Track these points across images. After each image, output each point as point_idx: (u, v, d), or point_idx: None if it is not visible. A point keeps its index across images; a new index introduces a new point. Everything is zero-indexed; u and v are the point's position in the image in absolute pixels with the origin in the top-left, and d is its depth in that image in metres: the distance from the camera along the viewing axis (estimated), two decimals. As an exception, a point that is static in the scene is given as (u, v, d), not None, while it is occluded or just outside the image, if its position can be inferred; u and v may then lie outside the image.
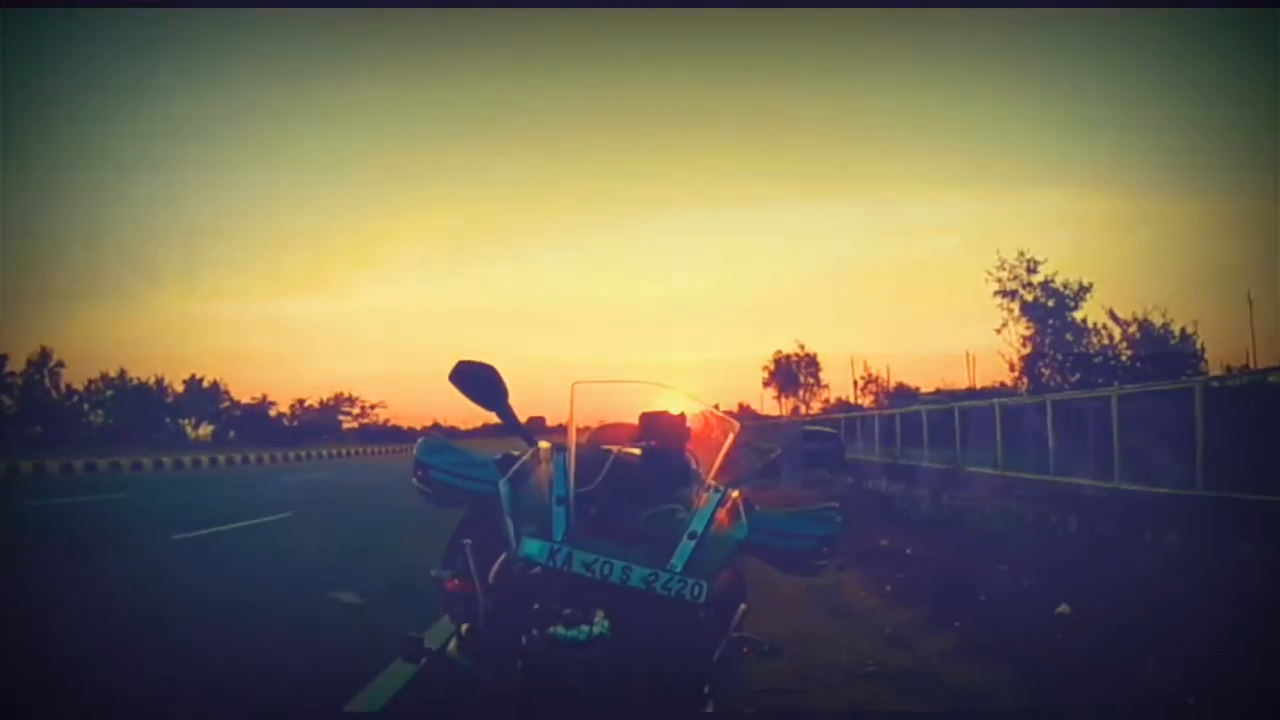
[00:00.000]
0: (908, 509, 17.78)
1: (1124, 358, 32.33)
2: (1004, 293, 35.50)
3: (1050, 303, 34.17)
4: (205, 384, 76.30)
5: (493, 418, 4.19)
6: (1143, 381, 18.97)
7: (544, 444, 4.17)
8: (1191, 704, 5.80)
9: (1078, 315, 34.03)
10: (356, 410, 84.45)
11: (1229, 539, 10.17)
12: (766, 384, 72.34)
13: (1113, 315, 32.96)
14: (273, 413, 77.92)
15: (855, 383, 61.85)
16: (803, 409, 68.11)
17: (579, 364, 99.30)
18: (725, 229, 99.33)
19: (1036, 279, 34.52)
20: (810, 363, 69.98)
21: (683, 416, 4.39)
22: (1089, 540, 12.29)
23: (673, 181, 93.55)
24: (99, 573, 11.62)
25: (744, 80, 79.19)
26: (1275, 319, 42.46)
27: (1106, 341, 33.20)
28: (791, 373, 70.62)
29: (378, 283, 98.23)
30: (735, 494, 3.95)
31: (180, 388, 75.30)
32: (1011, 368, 35.48)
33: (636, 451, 4.28)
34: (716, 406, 4.83)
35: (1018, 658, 7.23)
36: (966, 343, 64.82)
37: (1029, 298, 34.58)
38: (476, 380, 4.14)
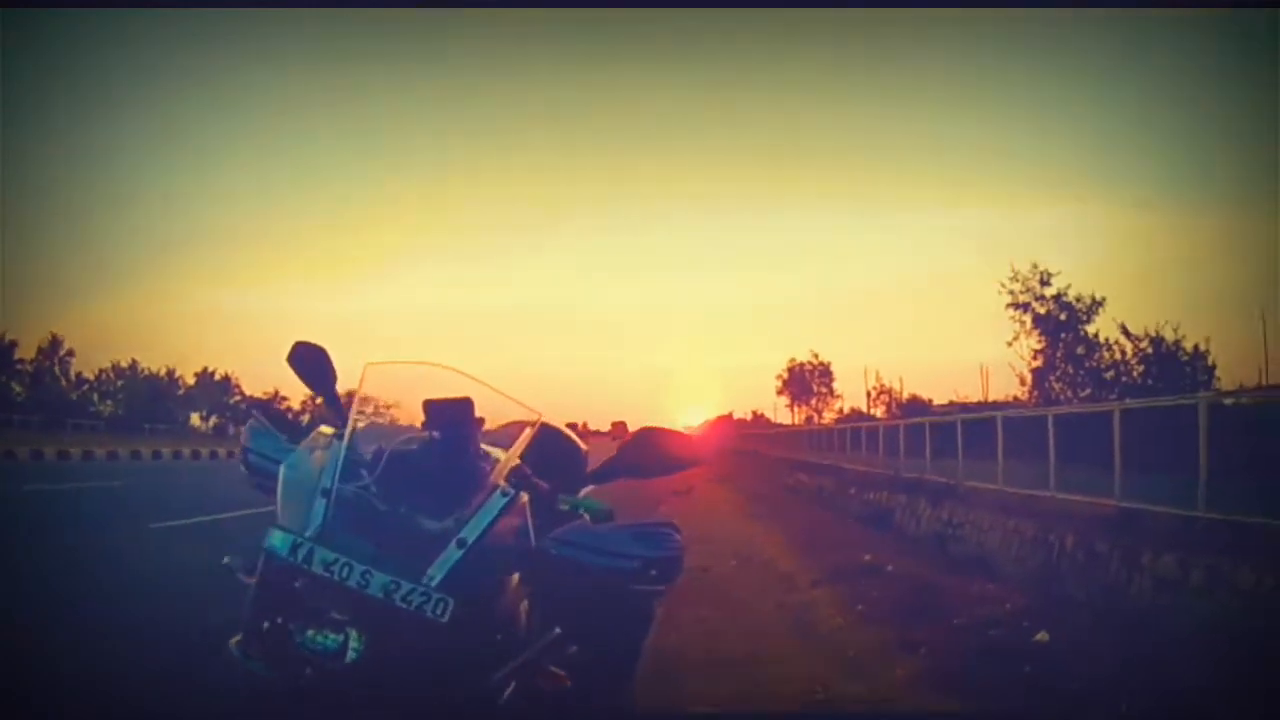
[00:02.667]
0: (903, 522, 17.17)
1: (1135, 373, 31.80)
2: (1016, 305, 35.04)
3: (1063, 316, 33.98)
4: (217, 377, 76.29)
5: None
6: (1151, 397, 18.34)
7: (326, 429, 3.79)
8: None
9: (1090, 329, 33.85)
10: (371, 409, 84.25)
11: (1229, 564, 9.57)
12: (780, 392, 72.13)
13: (1125, 330, 32.14)
14: (284, 407, 77.75)
15: (868, 393, 61.35)
16: (815, 418, 67.84)
17: (595, 365, 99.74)
18: (743, 235, 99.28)
19: (1049, 291, 34.44)
20: (824, 372, 69.64)
21: (469, 404, 3.80)
22: (1083, 560, 11.66)
23: (692, 184, 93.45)
24: (48, 556, 11.24)
25: (764, 86, 78.75)
26: None
27: (1118, 356, 32.74)
28: (805, 381, 70.27)
29: (396, 281, 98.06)
30: (525, 498, 3.50)
31: (192, 380, 75.35)
32: (1022, 381, 35.28)
33: (424, 439, 3.84)
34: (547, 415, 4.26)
35: (978, 691, 6.60)
36: (980, 355, 64.35)
37: (1041, 310, 34.42)
38: (307, 362, 3.91)
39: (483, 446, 3.87)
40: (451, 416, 3.80)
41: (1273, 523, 10.40)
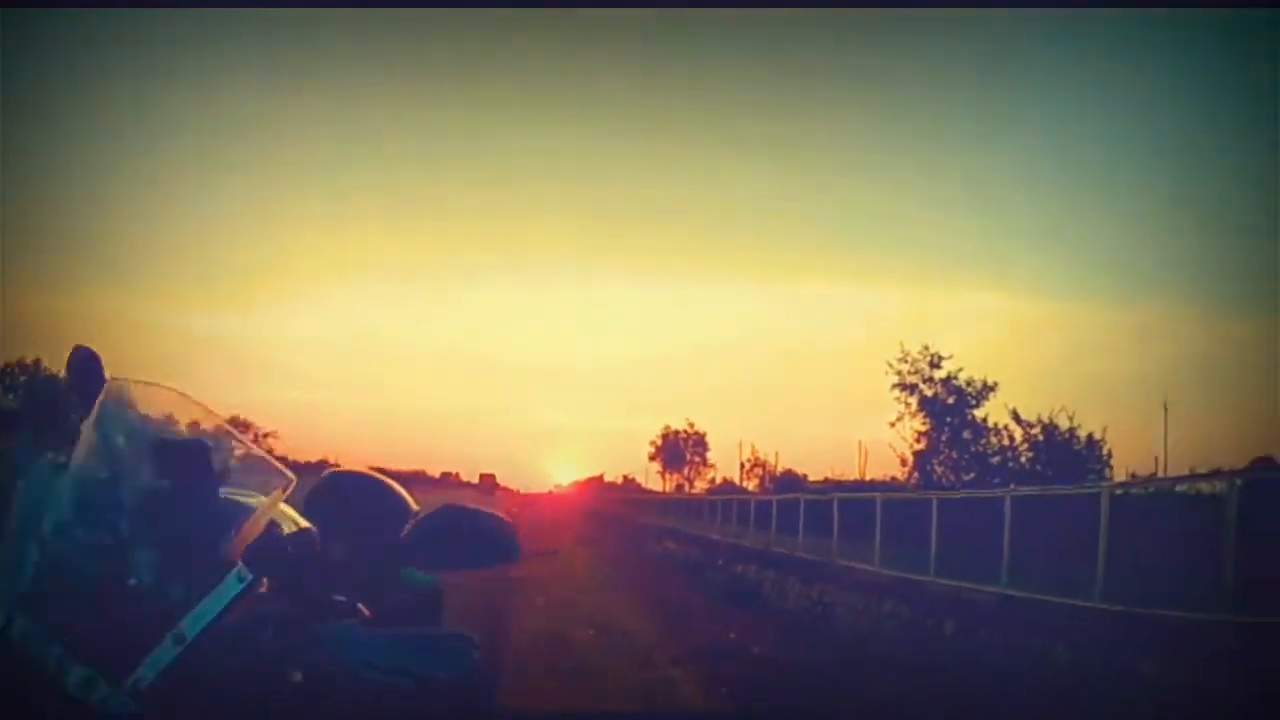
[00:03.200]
0: (771, 599, 16.14)
1: (1024, 459, 31.58)
2: (903, 386, 34.84)
3: (950, 399, 33.83)
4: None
5: (381, 462, 2.95)
6: (1041, 484, 17.76)
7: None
8: None
9: (979, 414, 33.74)
10: (250, 436, 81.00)
11: (1129, 656, 8.81)
12: (653, 458, 71.40)
13: (1016, 416, 32.06)
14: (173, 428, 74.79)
15: (742, 465, 60.81)
16: (687, 486, 67.25)
17: (471, 414, 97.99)
18: (629, 300, 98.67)
19: (939, 374, 34.31)
20: (699, 441, 69.12)
21: (203, 449, 3.05)
22: (965, 649, 10.73)
23: (584, 246, 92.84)
24: None
25: (658, 154, 78.89)
26: (1192, 426, 42.72)
27: (1006, 442, 32.57)
28: (679, 449, 69.69)
29: (295, 311, 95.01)
30: (265, 584, 2.68)
31: None
32: (903, 462, 35.05)
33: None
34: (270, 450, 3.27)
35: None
36: (859, 433, 64.35)
37: (929, 392, 34.21)
38: (81, 372, 3.19)
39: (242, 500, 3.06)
40: (183, 463, 3.00)
41: (1173, 615, 9.77)
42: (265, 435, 78.34)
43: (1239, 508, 10.21)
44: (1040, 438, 31.15)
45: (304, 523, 3.09)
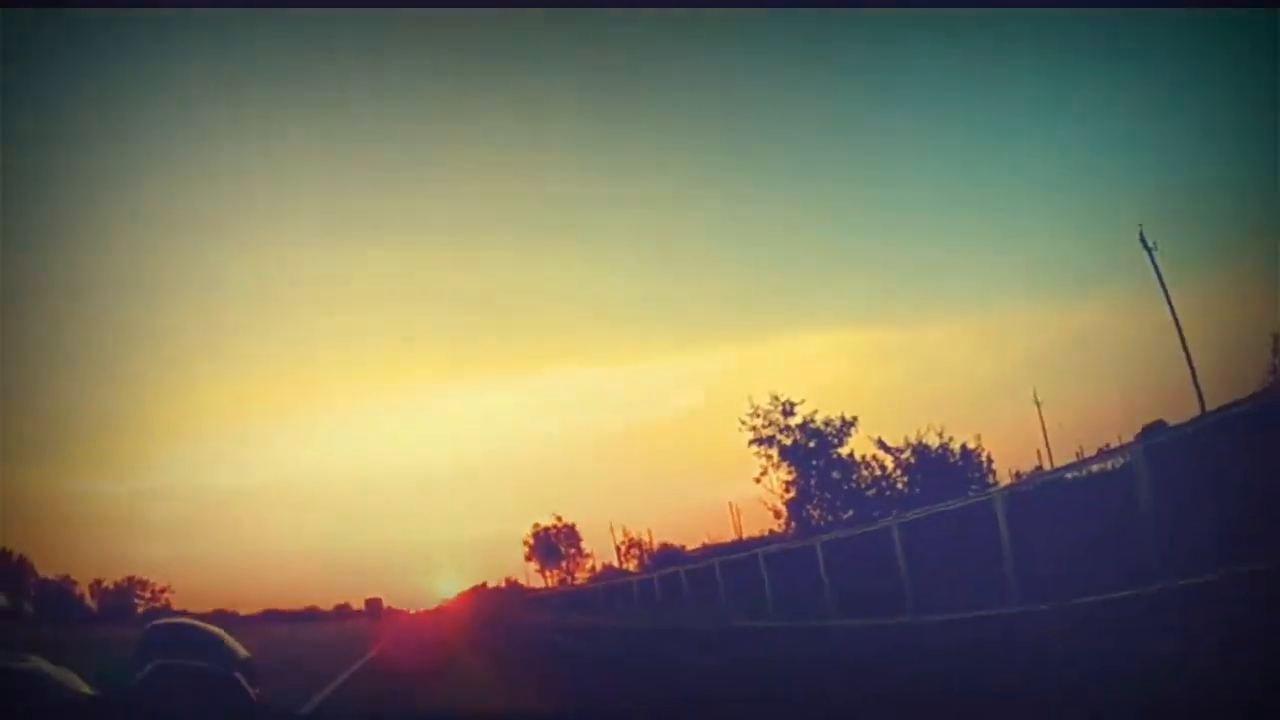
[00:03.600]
0: (672, 675, 15.08)
1: (899, 485, 31.08)
2: (760, 440, 33.72)
3: (811, 443, 33.11)
4: (14, 557, 67.98)
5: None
6: (923, 506, 17.35)
7: None
8: None
9: (844, 450, 33.01)
10: (148, 594, 77.34)
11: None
12: (529, 558, 69.76)
13: (882, 444, 31.50)
14: (76, 592, 70.73)
15: (618, 548, 59.59)
16: (569, 579, 65.76)
17: (351, 542, 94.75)
18: (471, 404, 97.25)
19: (794, 421, 33.51)
20: (569, 533, 67.74)
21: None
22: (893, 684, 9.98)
23: (416, 357, 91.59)
24: None
25: (482, 256, 78.57)
26: (1068, 412, 43.43)
27: (879, 472, 31.96)
28: (552, 544, 68.22)
29: (153, 460, 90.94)
30: None
31: None
32: (777, 514, 33.94)
33: None
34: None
35: None
36: (728, 494, 63.63)
37: (787, 441, 33.39)
38: None
39: None
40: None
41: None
42: (161, 591, 74.92)
43: (1149, 473, 9.82)
44: (913, 460, 30.83)
45: None
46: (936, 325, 60.87)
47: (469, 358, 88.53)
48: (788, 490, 33.26)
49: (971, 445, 30.40)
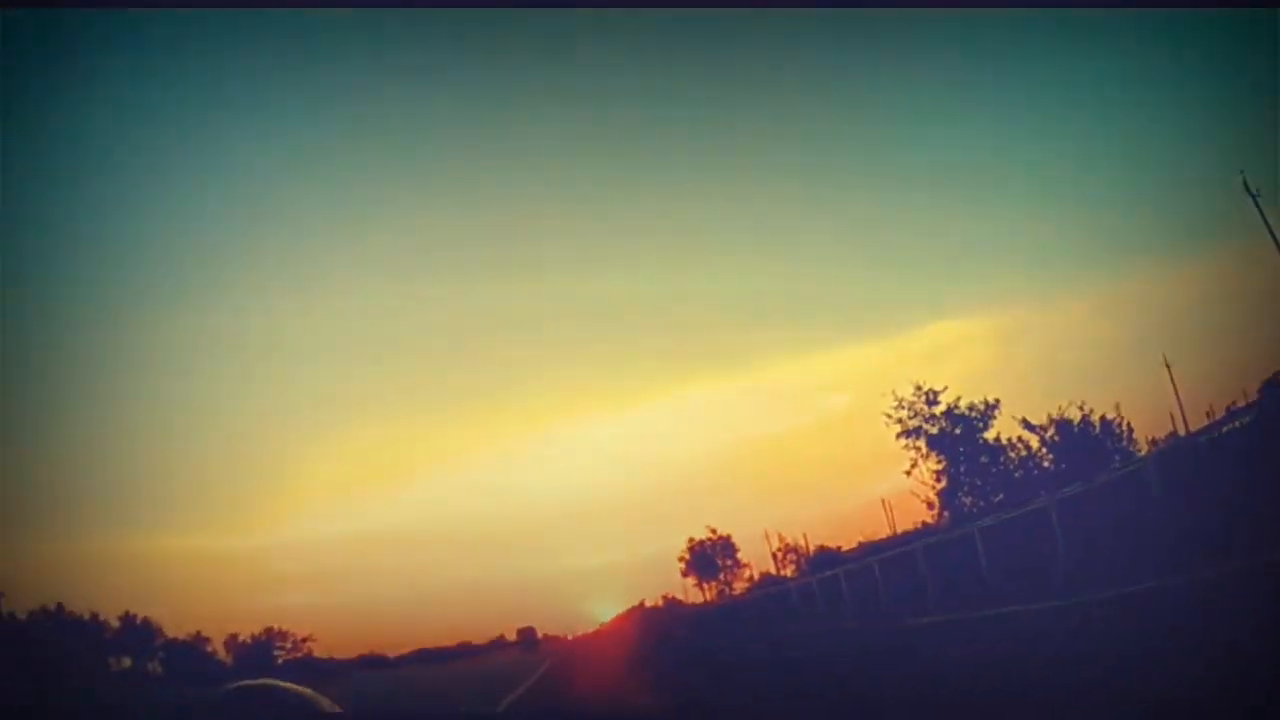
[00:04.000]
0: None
1: (1045, 463, 30.83)
2: (908, 432, 33.53)
3: (957, 430, 32.92)
4: (139, 620, 71.10)
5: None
6: (1072, 482, 17.08)
7: None
8: None
9: (989, 435, 32.67)
10: (289, 644, 79.38)
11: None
12: (685, 574, 70.08)
13: (1026, 424, 31.29)
14: (209, 649, 73.05)
15: (774, 556, 59.40)
16: (726, 590, 65.81)
17: (503, 582, 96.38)
18: (618, 429, 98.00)
19: (939, 410, 33.25)
20: (725, 545, 67.84)
21: None
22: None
23: (559, 389, 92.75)
24: None
25: (612, 273, 79.42)
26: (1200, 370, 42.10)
27: (1024, 453, 31.77)
28: (708, 557, 68.45)
29: (297, 515, 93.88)
30: None
31: (115, 624, 69.77)
32: (929, 505, 33.81)
33: None
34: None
35: None
36: (880, 491, 62.74)
37: (934, 430, 33.21)
38: None
39: None
40: None
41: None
42: (303, 640, 76.86)
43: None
44: (1056, 438, 30.52)
45: None
46: (1060, 303, 59.78)
47: (607, 385, 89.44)
48: (938, 480, 33.16)
49: (1109, 416, 30.01)
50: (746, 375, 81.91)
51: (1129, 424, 29.90)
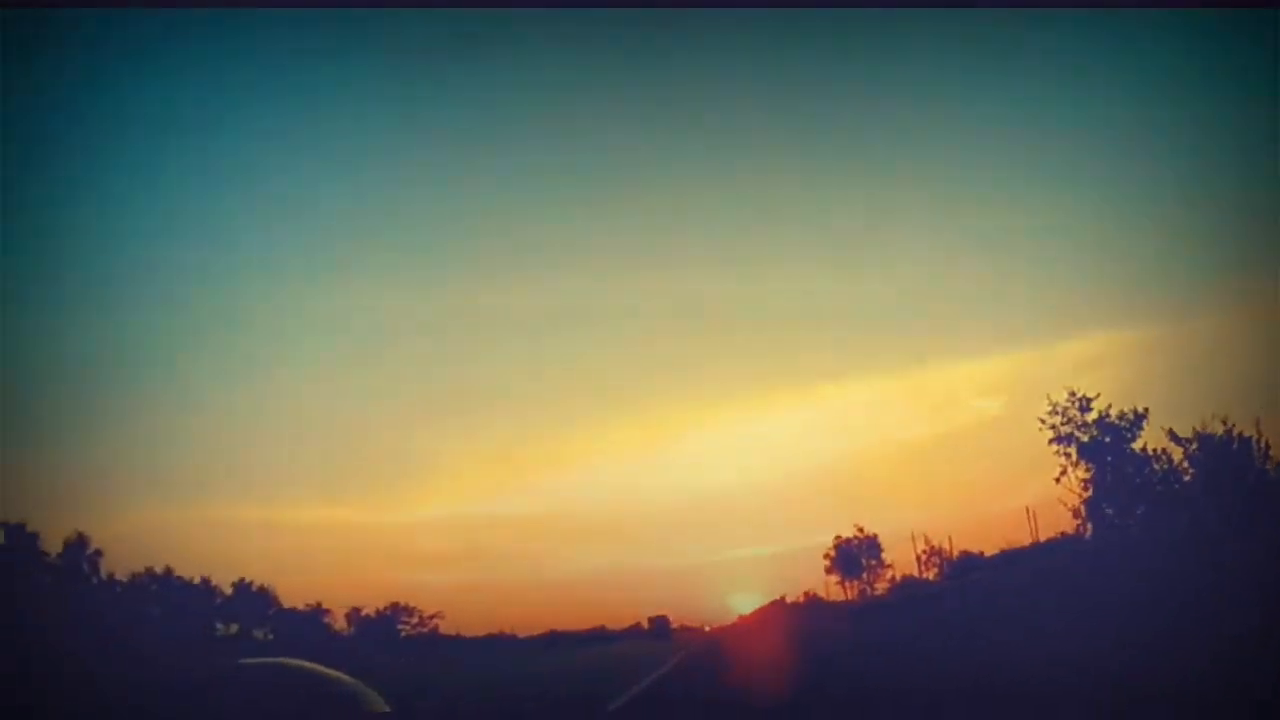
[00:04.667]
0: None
1: (1186, 478, 30.31)
2: (1060, 438, 33.80)
3: (1107, 438, 32.81)
4: (254, 588, 73.48)
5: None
6: (1210, 500, 16.27)
7: None
8: None
9: (1136, 445, 32.51)
10: (415, 620, 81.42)
11: None
12: (829, 571, 69.70)
13: (1173, 436, 30.81)
14: (327, 620, 74.95)
15: (918, 558, 58.54)
16: (868, 590, 65.26)
17: (640, 570, 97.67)
18: (767, 424, 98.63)
19: (1091, 417, 33.34)
20: (871, 544, 67.11)
21: None
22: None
23: (704, 386, 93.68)
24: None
25: (766, 270, 79.61)
26: None
27: (1167, 466, 31.29)
28: (853, 556, 67.78)
29: (431, 489, 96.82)
30: None
31: (229, 590, 72.26)
32: (1075, 514, 33.69)
33: None
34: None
35: None
36: (1025, 499, 61.51)
37: (1085, 438, 33.23)
38: None
39: None
40: None
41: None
42: (430, 617, 79.05)
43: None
44: (1197, 451, 29.86)
45: None
46: (1217, 312, 58.14)
47: (760, 376, 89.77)
48: (1085, 489, 33.12)
49: (1248, 433, 28.93)
50: (902, 377, 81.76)
51: (1267, 441, 28.88)
